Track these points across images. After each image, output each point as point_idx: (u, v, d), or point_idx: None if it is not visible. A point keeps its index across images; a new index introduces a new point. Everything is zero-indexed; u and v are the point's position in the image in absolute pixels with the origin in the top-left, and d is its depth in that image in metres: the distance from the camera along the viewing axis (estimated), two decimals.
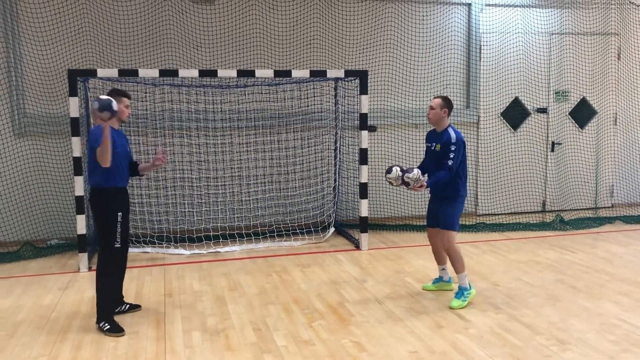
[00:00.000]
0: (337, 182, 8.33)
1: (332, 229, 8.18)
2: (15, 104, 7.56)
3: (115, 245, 4.92)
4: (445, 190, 5.33)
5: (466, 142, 8.88)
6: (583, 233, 8.24)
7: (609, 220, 8.86)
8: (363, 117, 7.23)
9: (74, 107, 6.39)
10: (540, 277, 6.16)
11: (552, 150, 9.57)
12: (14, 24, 7.46)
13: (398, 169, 5.27)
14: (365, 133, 7.26)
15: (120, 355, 4.39)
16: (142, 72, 6.63)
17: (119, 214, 4.92)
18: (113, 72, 6.60)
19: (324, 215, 8.43)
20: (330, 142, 8.46)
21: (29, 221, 7.75)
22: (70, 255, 7.25)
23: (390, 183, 5.31)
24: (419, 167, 5.50)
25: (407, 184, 5.20)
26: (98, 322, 4.86)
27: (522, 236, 8.06)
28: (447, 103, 5.36)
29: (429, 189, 5.31)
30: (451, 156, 5.17)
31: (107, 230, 4.90)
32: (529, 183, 9.50)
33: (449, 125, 5.36)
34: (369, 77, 7.42)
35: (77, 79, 6.50)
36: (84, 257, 6.56)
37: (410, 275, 6.29)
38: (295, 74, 7.12)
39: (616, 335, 4.66)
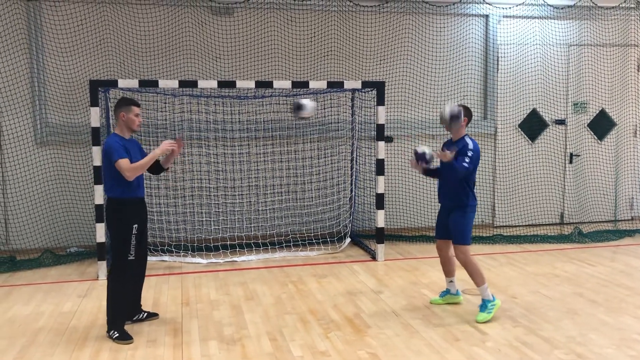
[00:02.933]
0: (353, 193, 8.34)
1: (348, 240, 8.18)
2: (38, 114, 7.71)
3: (129, 258, 4.89)
4: (454, 200, 5.31)
5: (483, 153, 8.98)
6: (602, 246, 8.14)
7: (629, 233, 8.75)
8: (380, 128, 7.25)
9: (95, 117, 6.50)
10: (558, 290, 6.10)
11: (571, 162, 9.50)
12: (37, 35, 7.62)
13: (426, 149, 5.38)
14: (382, 144, 7.27)
15: None
16: (162, 83, 6.73)
17: (134, 225, 4.90)
18: (134, 83, 6.70)
19: (340, 225, 8.43)
20: (346, 152, 8.48)
21: (50, 229, 7.86)
22: (89, 263, 7.34)
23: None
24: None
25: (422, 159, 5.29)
26: (108, 330, 4.90)
27: (539, 248, 7.99)
28: (467, 112, 5.36)
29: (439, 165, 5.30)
30: (467, 160, 5.14)
31: (122, 242, 4.88)
32: (546, 195, 9.42)
33: (466, 135, 5.36)
34: (386, 88, 7.44)
35: (99, 89, 6.62)
36: (102, 265, 6.64)
37: (426, 287, 6.27)
38: (313, 85, 7.17)
39: (637, 350, 4.60)
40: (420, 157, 5.35)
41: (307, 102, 5.56)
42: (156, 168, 5.29)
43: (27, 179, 7.72)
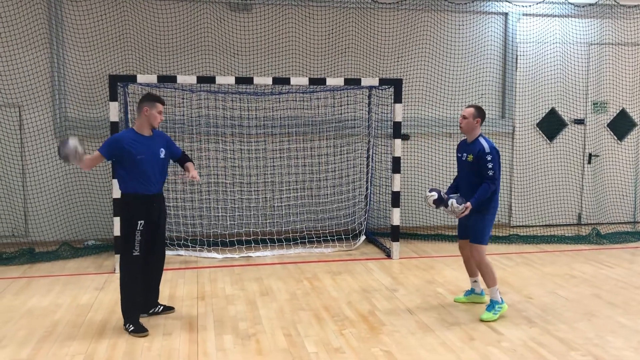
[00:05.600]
0: (368, 190, 8.33)
1: (363, 237, 8.18)
2: (58, 108, 7.80)
3: (134, 254, 4.89)
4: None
5: (501, 152, 8.86)
6: (621, 247, 8.04)
7: None
8: (397, 126, 7.22)
9: (113, 111, 6.56)
10: (575, 292, 6.04)
11: (589, 162, 9.39)
12: (58, 30, 7.70)
13: (435, 194, 5.21)
14: (398, 141, 7.25)
15: (153, 355, 4.47)
16: (180, 79, 6.77)
17: (140, 222, 4.86)
18: (152, 78, 6.75)
19: (355, 223, 8.43)
20: (362, 150, 8.47)
21: (68, 222, 7.96)
22: (106, 256, 7.42)
23: (432, 204, 5.29)
24: (455, 181, 5.50)
25: (446, 205, 5.15)
26: (124, 324, 4.95)
27: (556, 249, 7.92)
28: (479, 112, 5.28)
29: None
30: (489, 166, 5.08)
31: (126, 237, 4.90)
32: (564, 195, 9.33)
33: (480, 135, 5.29)
34: (403, 85, 7.41)
35: (118, 84, 6.67)
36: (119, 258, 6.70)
37: (442, 285, 6.24)
38: (330, 82, 7.16)
39: None
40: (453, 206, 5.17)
41: None
42: (182, 163, 5.34)
43: (46, 173, 7.81)
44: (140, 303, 5.11)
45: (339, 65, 8.46)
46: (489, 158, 5.10)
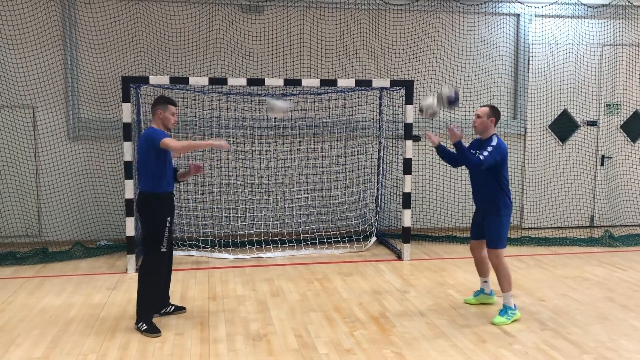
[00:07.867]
0: (379, 192, 8.33)
1: (373, 238, 8.17)
2: (71, 109, 7.87)
3: (162, 250, 5.01)
4: (488, 204, 5.23)
5: (512, 153, 8.86)
6: (634, 250, 7.98)
7: None
8: (408, 127, 7.22)
9: (126, 112, 6.60)
10: (588, 294, 6.00)
11: (602, 164, 9.33)
12: (72, 32, 7.77)
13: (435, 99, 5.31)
14: (409, 143, 7.24)
15: (165, 355, 4.49)
16: (193, 80, 6.80)
17: (168, 218, 5.03)
18: (165, 80, 6.79)
19: (365, 224, 8.43)
20: (373, 151, 8.47)
21: (81, 222, 8.03)
22: (118, 256, 7.47)
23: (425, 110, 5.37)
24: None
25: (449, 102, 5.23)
26: (137, 322, 4.98)
27: (569, 251, 7.87)
28: (494, 112, 5.27)
29: (455, 147, 5.18)
30: (485, 154, 5.05)
31: (156, 235, 4.99)
32: (576, 197, 9.26)
33: (494, 135, 5.27)
34: (414, 86, 7.40)
35: (130, 85, 6.72)
36: (131, 258, 6.75)
37: (453, 287, 6.23)
38: (341, 83, 7.17)
39: None
40: (453, 101, 5.25)
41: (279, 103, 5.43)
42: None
43: (59, 173, 7.88)
44: (158, 302, 5.20)
45: (350, 66, 8.47)
46: (489, 149, 5.07)
